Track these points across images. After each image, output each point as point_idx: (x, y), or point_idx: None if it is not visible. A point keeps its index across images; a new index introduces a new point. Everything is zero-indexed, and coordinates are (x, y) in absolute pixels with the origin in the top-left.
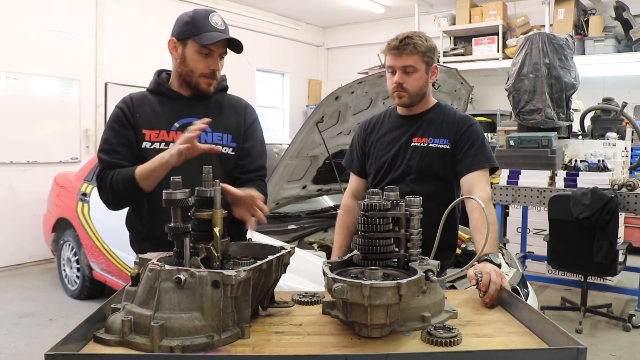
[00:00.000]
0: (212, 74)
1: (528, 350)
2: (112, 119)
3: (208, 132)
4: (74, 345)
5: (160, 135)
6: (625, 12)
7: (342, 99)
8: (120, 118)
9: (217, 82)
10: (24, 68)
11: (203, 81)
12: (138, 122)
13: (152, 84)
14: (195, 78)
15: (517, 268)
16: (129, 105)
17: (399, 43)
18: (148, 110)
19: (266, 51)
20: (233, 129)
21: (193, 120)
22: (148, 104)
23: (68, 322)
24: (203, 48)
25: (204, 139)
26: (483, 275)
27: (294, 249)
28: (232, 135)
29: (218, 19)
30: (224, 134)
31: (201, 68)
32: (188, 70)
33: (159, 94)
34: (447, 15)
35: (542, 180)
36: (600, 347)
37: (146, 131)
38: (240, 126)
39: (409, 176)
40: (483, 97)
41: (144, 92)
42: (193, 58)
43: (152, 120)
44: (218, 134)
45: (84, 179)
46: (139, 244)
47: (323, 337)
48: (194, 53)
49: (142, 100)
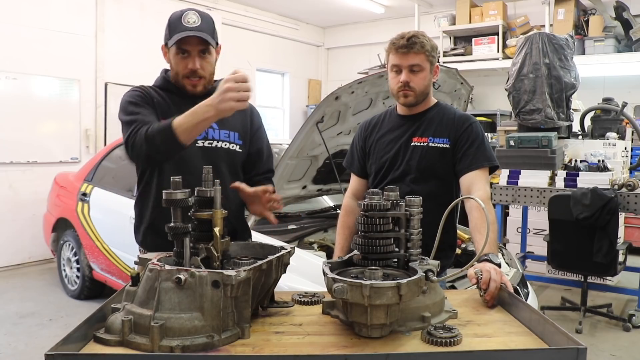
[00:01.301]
0: (192, 74)
1: (528, 350)
2: (130, 98)
3: (215, 129)
4: (74, 345)
5: None
6: (625, 12)
7: (342, 99)
8: (142, 97)
9: (205, 80)
10: (24, 68)
11: (187, 82)
12: (156, 108)
13: (159, 81)
14: (180, 80)
15: (517, 268)
16: (144, 90)
17: (406, 42)
18: (162, 102)
19: (266, 51)
20: (239, 128)
21: None
22: (160, 97)
23: (68, 322)
24: (178, 49)
25: (211, 134)
26: (483, 273)
27: (294, 249)
28: (239, 133)
29: (192, 17)
30: (231, 131)
31: (181, 69)
32: (174, 74)
33: (167, 91)
34: (447, 15)
35: (542, 180)
36: (600, 347)
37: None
38: (246, 126)
39: (409, 176)
40: (483, 97)
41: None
42: (174, 61)
43: (166, 111)
44: (225, 132)
45: (84, 179)
46: (142, 232)
47: (323, 337)
48: (174, 56)
49: (154, 92)
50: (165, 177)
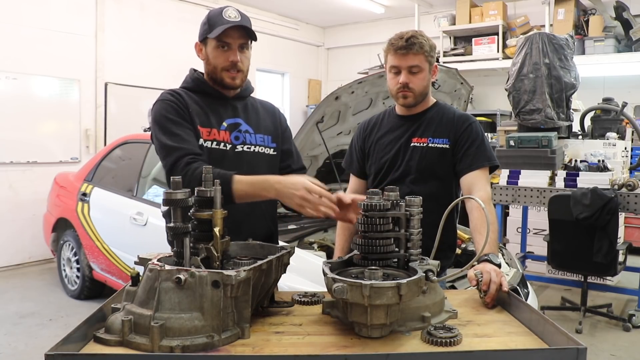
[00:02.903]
0: (232, 66)
1: (528, 350)
2: (167, 113)
3: (251, 134)
4: (74, 345)
5: (212, 134)
6: (625, 12)
7: (342, 99)
8: (178, 111)
9: (243, 75)
10: (24, 68)
11: (226, 75)
12: (193, 117)
13: (191, 82)
14: (219, 74)
15: (517, 268)
16: (178, 98)
17: (405, 43)
18: (197, 107)
19: (266, 51)
20: (271, 131)
21: (238, 121)
22: (194, 101)
23: (68, 322)
24: (219, 42)
25: (249, 139)
26: (483, 274)
27: (294, 249)
28: (271, 136)
29: (232, 12)
30: (265, 135)
31: (221, 62)
32: (212, 68)
33: (201, 93)
34: (447, 15)
35: (542, 180)
36: (600, 347)
37: (201, 128)
38: (277, 128)
39: (409, 176)
40: (483, 97)
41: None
42: (213, 54)
43: (203, 118)
44: (260, 136)
45: (84, 179)
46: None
47: (323, 337)
48: (213, 50)
49: (187, 96)
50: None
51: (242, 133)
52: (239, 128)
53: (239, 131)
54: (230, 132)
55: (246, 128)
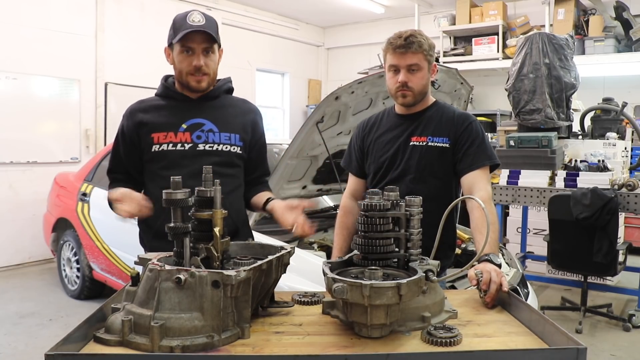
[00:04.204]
0: (196, 70)
1: (528, 350)
2: (118, 131)
3: (215, 132)
4: (74, 345)
5: (168, 137)
6: (625, 12)
7: (342, 99)
8: (122, 131)
9: (209, 78)
10: (24, 68)
11: (192, 79)
12: (141, 129)
13: (160, 88)
14: (184, 77)
15: (517, 268)
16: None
17: (404, 41)
18: (155, 115)
19: (266, 51)
20: (240, 129)
21: (201, 121)
22: (155, 108)
23: (68, 322)
24: (182, 47)
25: (212, 138)
26: (483, 274)
27: (294, 249)
28: (239, 135)
29: (196, 17)
30: (232, 133)
31: (185, 66)
32: (178, 72)
33: (167, 97)
34: (447, 15)
35: (542, 180)
36: (600, 347)
37: (155, 134)
38: (247, 127)
39: (408, 175)
40: (483, 97)
41: (153, 97)
42: (178, 59)
43: (160, 124)
44: (225, 134)
45: (84, 179)
46: (148, 241)
47: (323, 337)
48: (178, 54)
49: (149, 105)
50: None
51: (204, 132)
52: (202, 128)
53: (202, 130)
54: (191, 133)
55: (210, 127)
